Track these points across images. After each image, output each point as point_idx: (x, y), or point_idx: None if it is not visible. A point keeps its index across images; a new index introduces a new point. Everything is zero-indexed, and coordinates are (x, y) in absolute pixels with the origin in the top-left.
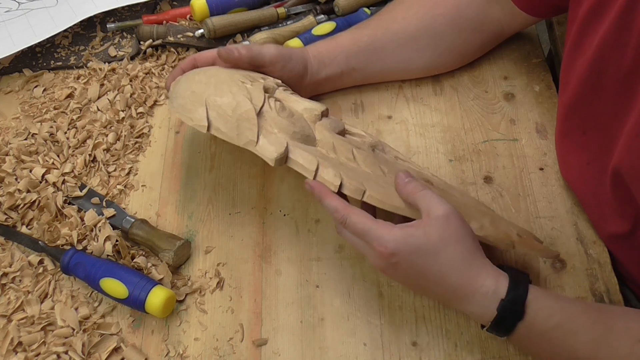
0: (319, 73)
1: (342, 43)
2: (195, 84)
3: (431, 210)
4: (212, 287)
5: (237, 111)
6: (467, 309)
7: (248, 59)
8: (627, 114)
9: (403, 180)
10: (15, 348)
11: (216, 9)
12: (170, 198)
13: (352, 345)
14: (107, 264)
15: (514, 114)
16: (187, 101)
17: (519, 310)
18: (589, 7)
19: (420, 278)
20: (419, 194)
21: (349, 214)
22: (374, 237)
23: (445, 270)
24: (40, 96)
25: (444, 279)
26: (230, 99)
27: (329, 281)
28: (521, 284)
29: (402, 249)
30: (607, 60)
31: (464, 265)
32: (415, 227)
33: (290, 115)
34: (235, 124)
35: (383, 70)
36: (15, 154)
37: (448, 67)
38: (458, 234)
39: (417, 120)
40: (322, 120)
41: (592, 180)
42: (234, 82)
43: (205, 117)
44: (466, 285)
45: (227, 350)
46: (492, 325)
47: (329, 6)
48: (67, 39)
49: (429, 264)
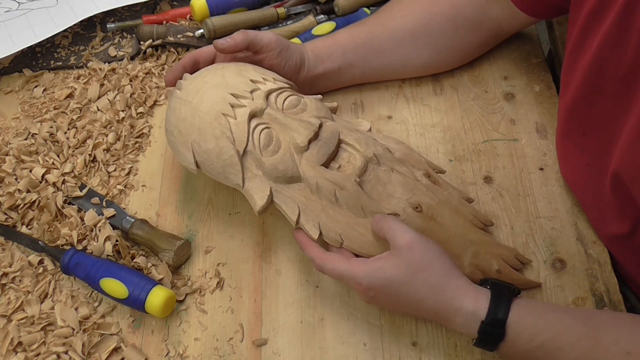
0: (316, 67)
1: (340, 39)
2: (182, 122)
3: (396, 241)
4: (212, 287)
5: (221, 157)
6: (452, 327)
7: (244, 44)
8: (627, 115)
9: (375, 221)
10: (15, 348)
11: (216, 9)
12: (170, 198)
13: (352, 345)
14: (107, 264)
15: (514, 114)
16: (177, 141)
17: (498, 332)
18: (590, 8)
19: (401, 305)
20: (386, 225)
21: (323, 262)
22: (349, 279)
23: (421, 296)
24: (40, 96)
25: (422, 304)
26: (213, 144)
27: (329, 281)
28: (503, 303)
29: (375, 283)
30: (607, 61)
31: (437, 289)
32: (383, 260)
33: (275, 151)
34: (221, 170)
35: (381, 67)
36: (15, 154)
37: (447, 66)
38: (424, 260)
39: (417, 120)
40: (310, 149)
41: (592, 181)
42: (217, 121)
43: (194, 162)
44: (443, 308)
45: (227, 350)
46: (476, 344)
47: (329, 6)
48: (67, 39)
49: (403, 293)
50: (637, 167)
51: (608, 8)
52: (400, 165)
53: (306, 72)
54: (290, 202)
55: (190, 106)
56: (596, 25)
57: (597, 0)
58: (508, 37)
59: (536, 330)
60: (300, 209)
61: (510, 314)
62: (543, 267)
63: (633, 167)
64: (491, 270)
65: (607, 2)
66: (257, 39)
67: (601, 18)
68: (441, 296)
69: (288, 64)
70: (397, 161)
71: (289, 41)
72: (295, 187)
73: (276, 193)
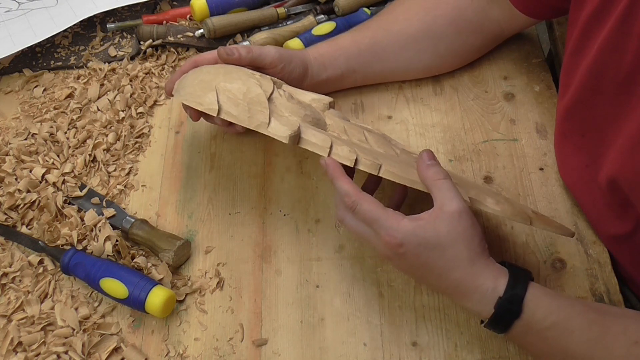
0: (319, 75)
1: (343, 45)
2: (204, 74)
3: (445, 204)
4: (212, 287)
5: (248, 95)
6: (465, 304)
7: (248, 60)
8: (625, 118)
9: (425, 161)
10: (15, 348)
11: (216, 9)
12: (170, 198)
13: (352, 345)
14: (107, 264)
15: (514, 114)
16: (196, 88)
17: (515, 309)
18: (591, 11)
19: (425, 270)
20: (438, 182)
21: (360, 199)
22: (383, 226)
23: (450, 265)
24: (40, 96)
25: (448, 274)
26: (240, 84)
27: (329, 281)
28: (520, 282)
29: (411, 240)
30: (606, 64)
31: (468, 263)
32: (425, 220)
33: (299, 103)
34: (247, 107)
35: (383, 71)
36: (15, 154)
37: (447, 68)
38: (467, 232)
39: (417, 120)
40: (331, 109)
41: (590, 183)
42: (243, 72)
43: (216, 101)
44: (467, 282)
45: (227, 350)
46: (489, 323)
47: (329, 6)
48: (67, 39)
49: (435, 258)
50: (636, 174)
51: (609, 11)
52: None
53: (309, 80)
54: (319, 134)
55: (214, 67)
56: (596, 28)
57: (598, 3)
58: (508, 38)
59: (550, 310)
60: (332, 139)
61: (527, 292)
62: (543, 267)
63: (632, 173)
64: (528, 211)
65: (607, 5)
66: (260, 58)
67: (602, 21)
68: (469, 270)
69: (291, 77)
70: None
71: (291, 53)
72: (322, 130)
73: (304, 129)
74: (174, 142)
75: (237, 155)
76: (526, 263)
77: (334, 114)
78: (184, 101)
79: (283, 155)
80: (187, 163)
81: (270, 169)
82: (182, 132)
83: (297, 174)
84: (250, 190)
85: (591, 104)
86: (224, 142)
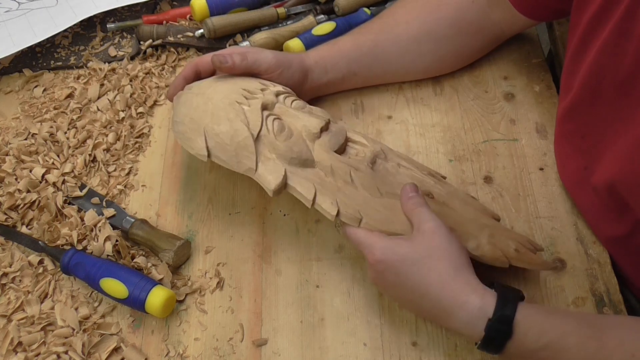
0: (320, 78)
1: (344, 48)
2: (193, 110)
3: (420, 225)
4: (212, 287)
5: (235, 139)
6: (453, 325)
7: (242, 68)
8: (624, 121)
9: (407, 194)
10: (15, 348)
11: (216, 9)
12: (170, 198)
13: (352, 345)
14: (107, 264)
15: (514, 114)
16: (187, 129)
17: (506, 329)
18: (592, 13)
19: (405, 289)
20: (416, 210)
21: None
22: (366, 246)
23: (428, 281)
24: (40, 96)
25: (427, 290)
26: (227, 127)
27: (329, 281)
28: (510, 302)
29: (389, 257)
30: (606, 67)
31: (447, 278)
32: (403, 238)
33: (288, 137)
34: (234, 153)
35: (384, 73)
36: (15, 154)
37: (448, 69)
38: (443, 248)
39: (417, 121)
40: (322, 137)
41: (589, 184)
42: (231, 107)
43: (205, 147)
44: (449, 298)
45: (227, 350)
46: (481, 345)
47: (329, 6)
48: (67, 39)
49: (413, 274)
50: (636, 177)
51: (609, 14)
52: (406, 163)
53: (309, 84)
54: (305, 182)
55: (203, 97)
56: (597, 30)
57: (599, 6)
58: (508, 38)
59: (543, 329)
60: (316, 188)
61: (517, 312)
62: None
63: (632, 177)
64: (509, 249)
65: (608, 8)
66: (256, 65)
67: (602, 23)
68: (449, 286)
69: (290, 82)
70: (403, 159)
71: (290, 58)
72: (309, 171)
73: (290, 175)
74: (174, 142)
75: None
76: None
77: (323, 147)
78: (177, 139)
79: None
80: (187, 163)
81: None
82: None
83: None
84: (250, 190)
85: (591, 106)
86: None
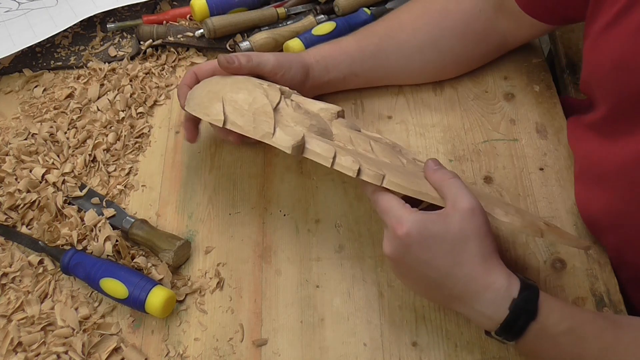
0: (321, 77)
1: (347, 49)
2: (212, 84)
3: (457, 201)
4: (212, 287)
5: (254, 106)
6: (475, 307)
7: (248, 69)
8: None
9: (432, 167)
10: (15, 348)
11: (216, 9)
12: (170, 198)
13: (352, 345)
14: (107, 264)
15: (514, 114)
16: (204, 99)
17: (531, 309)
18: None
19: (430, 266)
20: (448, 181)
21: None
22: (393, 215)
23: (459, 261)
24: (40, 96)
25: (456, 271)
26: (246, 94)
27: (329, 281)
28: (531, 287)
29: (420, 231)
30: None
31: (480, 259)
32: (437, 214)
33: (306, 113)
34: (252, 118)
35: (386, 77)
36: (15, 154)
37: (450, 76)
38: (480, 230)
39: (417, 120)
40: (339, 119)
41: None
42: (250, 82)
43: (222, 112)
44: (478, 279)
45: (227, 350)
46: (502, 327)
47: (329, 6)
48: (67, 39)
49: (443, 253)
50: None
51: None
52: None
53: (311, 82)
54: (323, 144)
55: (220, 77)
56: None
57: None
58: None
59: (564, 314)
60: (336, 150)
61: (540, 296)
62: (543, 267)
63: None
64: (539, 222)
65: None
66: (260, 67)
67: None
68: (480, 266)
69: (293, 83)
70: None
71: (290, 59)
72: (327, 140)
73: (309, 139)
74: (174, 142)
75: (237, 155)
76: (526, 263)
77: (341, 124)
78: (192, 112)
79: (283, 155)
80: (187, 163)
81: (270, 169)
82: (182, 132)
83: (297, 174)
84: (250, 190)
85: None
86: (224, 142)
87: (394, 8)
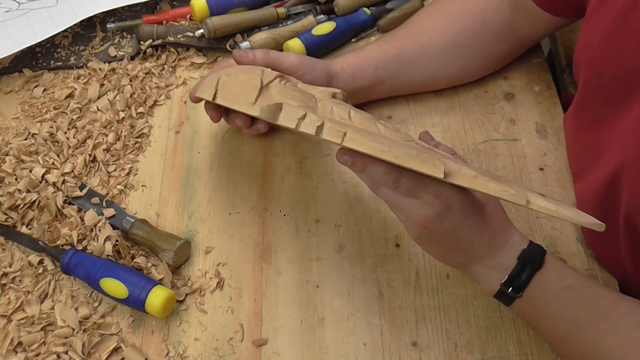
0: (347, 86)
1: (371, 55)
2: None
3: None
4: (212, 287)
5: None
6: (491, 262)
7: (263, 63)
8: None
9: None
10: (15, 348)
11: (216, 9)
12: (170, 198)
13: (352, 345)
14: (107, 264)
15: (514, 114)
16: (207, 82)
17: (538, 260)
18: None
19: (462, 230)
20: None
21: (403, 172)
22: (430, 189)
23: (487, 221)
24: (40, 96)
25: (485, 229)
26: (243, 75)
27: (329, 281)
28: (540, 246)
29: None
30: (607, 61)
31: (502, 215)
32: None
33: (297, 90)
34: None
35: (410, 83)
36: (15, 154)
37: (472, 78)
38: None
39: (417, 120)
40: (333, 99)
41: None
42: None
43: (215, 85)
44: (501, 234)
45: (227, 350)
46: (510, 276)
47: (329, 6)
48: (67, 39)
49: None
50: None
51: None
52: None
53: None
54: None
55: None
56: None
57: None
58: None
59: (567, 272)
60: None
61: (547, 254)
62: None
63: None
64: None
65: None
66: (278, 62)
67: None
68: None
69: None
70: None
71: (314, 62)
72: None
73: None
74: (174, 142)
75: (237, 156)
76: None
77: (332, 100)
78: (198, 94)
79: (283, 155)
80: (187, 163)
81: (270, 169)
82: (182, 132)
83: (297, 174)
84: (250, 190)
85: (595, 102)
86: (224, 142)
87: (394, 8)
